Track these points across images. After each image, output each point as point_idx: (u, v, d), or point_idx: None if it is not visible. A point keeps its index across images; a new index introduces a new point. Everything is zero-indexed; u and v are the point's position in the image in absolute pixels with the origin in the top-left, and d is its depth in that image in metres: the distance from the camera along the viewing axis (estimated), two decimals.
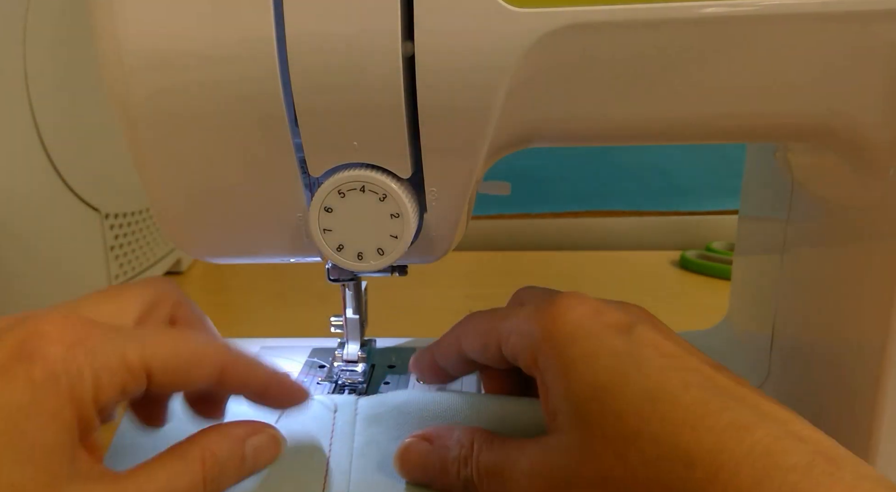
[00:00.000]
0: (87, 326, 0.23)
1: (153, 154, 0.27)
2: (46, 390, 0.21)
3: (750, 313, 0.39)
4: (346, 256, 0.27)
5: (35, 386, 0.21)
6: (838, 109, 0.25)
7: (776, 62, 0.24)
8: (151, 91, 0.25)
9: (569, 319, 0.25)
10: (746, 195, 0.40)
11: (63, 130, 0.47)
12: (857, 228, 0.28)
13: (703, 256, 0.69)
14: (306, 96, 0.24)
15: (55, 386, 0.21)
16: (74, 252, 0.50)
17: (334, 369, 0.37)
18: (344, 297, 0.36)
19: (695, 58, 0.24)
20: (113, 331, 0.23)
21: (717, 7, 0.23)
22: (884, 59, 0.24)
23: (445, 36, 0.23)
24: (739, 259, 0.42)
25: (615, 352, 0.24)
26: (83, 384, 0.22)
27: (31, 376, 0.21)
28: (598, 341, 0.24)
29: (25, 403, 0.21)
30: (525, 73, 0.24)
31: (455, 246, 0.30)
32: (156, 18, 0.24)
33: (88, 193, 0.50)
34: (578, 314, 0.25)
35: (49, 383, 0.21)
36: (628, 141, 0.29)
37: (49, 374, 0.21)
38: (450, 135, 0.25)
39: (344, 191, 0.26)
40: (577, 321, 0.25)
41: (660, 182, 0.80)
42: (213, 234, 0.29)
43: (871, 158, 0.26)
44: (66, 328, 0.22)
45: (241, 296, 0.63)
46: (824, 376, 0.31)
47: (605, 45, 0.24)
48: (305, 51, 0.24)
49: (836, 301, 0.30)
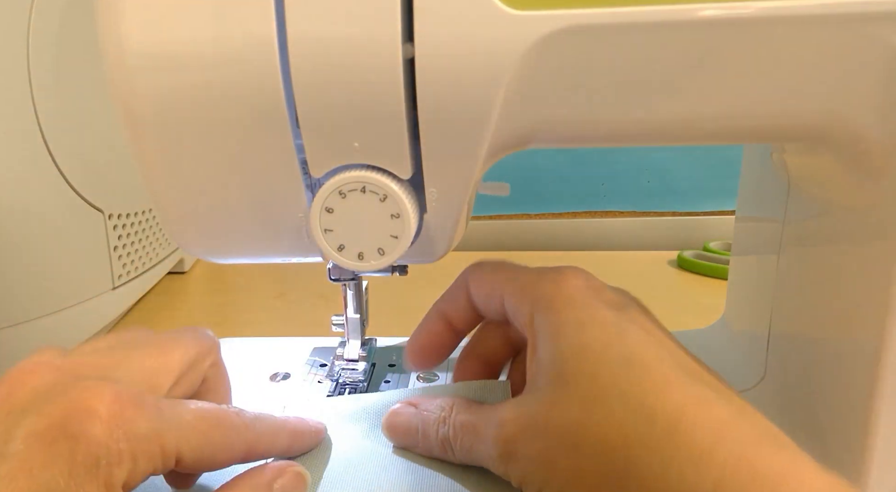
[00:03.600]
0: (134, 406, 0.22)
1: (156, 154, 0.27)
2: (85, 475, 0.21)
3: (746, 313, 0.39)
4: (346, 256, 0.27)
5: (75, 469, 0.21)
6: (834, 111, 0.25)
7: (773, 64, 0.24)
8: (154, 92, 0.25)
9: (569, 286, 0.27)
10: (743, 196, 0.40)
11: (66, 131, 0.47)
12: (852, 229, 0.28)
13: (700, 256, 0.69)
14: (307, 98, 0.25)
15: (94, 471, 0.21)
16: (78, 252, 0.50)
17: (335, 368, 0.37)
18: (345, 296, 0.37)
19: (691, 61, 0.24)
20: (157, 412, 0.23)
21: (713, 10, 0.23)
22: (880, 60, 0.24)
23: (445, 38, 0.23)
24: (736, 259, 0.42)
25: (604, 321, 0.25)
26: (120, 469, 0.21)
27: (73, 458, 0.21)
28: (591, 311, 0.26)
29: (63, 486, 0.20)
30: (524, 75, 0.24)
31: (455, 246, 0.30)
32: (159, 19, 0.24)
33: (92, 193, 0.50)
34: (577, 285, 0.27)
35: (89, 467, 0.21)
36: (626, 142, 0.29)
37: (91, 457, 0.21)
38: (450, 136, 0.25)
39: (345, 191, 0.26)
40: (575, 291, 0.26)
41: (657, 183, 0.80)
42: (215, 234, 0.29)
43: (866, 158, 0.26)
44: (113, 406, 0.22)
45: (244, 295, 0.63)
46: (820, 374, 0.31)
47: (602, 48, 0.24)
48: (307, 52, 0.24)
49: (831, 301, 0.30)
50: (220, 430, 0.25)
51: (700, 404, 0.22)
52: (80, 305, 0.49)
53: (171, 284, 0.65)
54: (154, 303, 0.61)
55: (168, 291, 0.63)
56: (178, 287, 0.65)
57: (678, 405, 0.22)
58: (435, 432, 0.28)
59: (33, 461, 0.20)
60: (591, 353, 0.24)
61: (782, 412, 0.33)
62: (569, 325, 0.25)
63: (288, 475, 0.26)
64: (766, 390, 0.35)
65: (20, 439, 0.21)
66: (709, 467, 0.21)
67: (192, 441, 0.24)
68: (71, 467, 0.20)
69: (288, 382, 0.37)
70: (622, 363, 0.24)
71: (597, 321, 0.25)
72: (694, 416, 0.22)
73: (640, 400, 0.23)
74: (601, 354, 0.24)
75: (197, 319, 0.59)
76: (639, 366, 0.24)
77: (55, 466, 0.20)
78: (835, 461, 0.29)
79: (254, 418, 0.27)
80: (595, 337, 0.25)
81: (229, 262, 0.32)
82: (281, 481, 0.26)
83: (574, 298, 0.26)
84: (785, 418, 0.33)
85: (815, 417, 0.31)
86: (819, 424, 0.31)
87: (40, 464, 0.20)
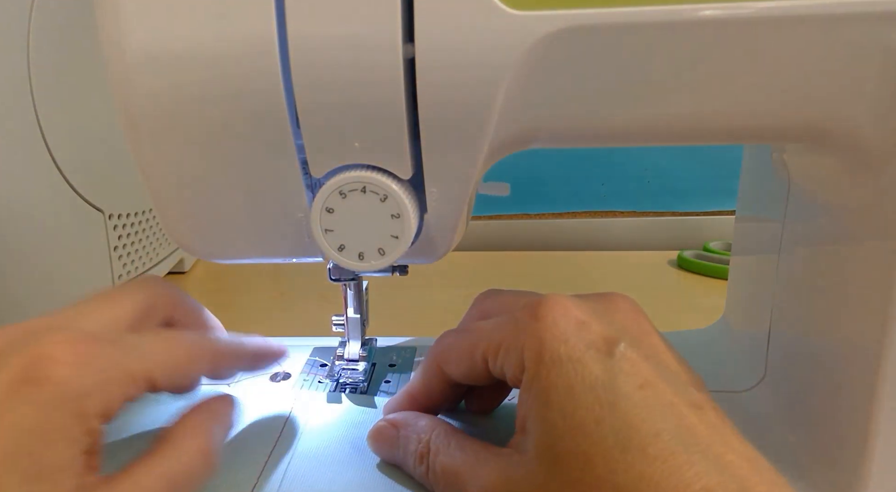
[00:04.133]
0: (91, 343, 0.23)
1: (156, 154, 0.27)
2: (56, 411, 0.21)
3: (746, 313, 0.39)
4: (347, 256, 0.27)
5: (44, 408, 0.21)
6: (834, 110, 0.25)
7: (773, 65, 0.24)
8: (154, 91, 0.25)
9: (553, 336, 0.25)
10: (743, 196, 0.40)
11: (66, 131, 0.47)
12: (852, 229, 0.28)
13: (700, 256, 0.69)
14: (308, 98, 0.25)
15: (64, 406, 0.22)
16: (78, 252, 0.50)
17: (335, 368, 0.37)
18: (345, 296, 0.37)
19: (692, 61, 0.24)
20: (114, 344, 0.24)
21: (713, 10, 0.23)
22: (879, 61, 0.24)
23: (445, 38, 0.23)
24: (736, 259, 0.42)
25: (593, 385, 0.24)
26: (91, 401, 0.22)
27: (40, 399, 0.21)
28: (580, 369, 0.24)
29: (35, 425, 0.21)
30: (524, 75, 0.24)
31: (455, 246, 0.30)
32: (159, 19, 0.24)
33: (92, 193, 0.50)
34: (562, 330, 0.25)
35: (58, 403, 0.21)
36: (626, 142, 0.29)
37: (58, 395, 0.22)
38: (450, 136, 0.25)
39: (345, 192, 0.26)
40: (562, 339, 0.25)
41: (657, 183, 0.80)
42: (215, 234, 0.29)
43: (866, 158, 0.26)
44: (71, 348, 0.23)
45: (244, 295, 0.63)
46: (820, 375, 0.31)
47: (602, 48, 0.24)
48: (307, 52, 0.24)
49: (832, 301, 0.30)
50: (182, 348, 0.26)
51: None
52: None
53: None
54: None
55: None
56: (178, 287, 0.65)
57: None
58: (413, 467, 0.28)
59: (2, 409, 0.21)
60: (583, 430, 0.23)
61: (782, 412, 0.33)
62: (556, 390, 0.24)
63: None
64: (766, 390, 0.35)
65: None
66: None
67: (157, 362, 0.25)
68: (38, 406, 0.21)
69: (288, 382, 0.37)
70: (616, 445, 0.22)
71: (587, 385, 0.24)
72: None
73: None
74: (594, 433, 0.23)
75: None
76: (633, 449, 0.22)
77: (23, 407, 0.21)
78: (835, 462, 0.29)
79: (215, 337, 0.29)
80: (586, 407, 0.23)
81: (229, 262, 0.32)
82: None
83: (559, 350, 0.24)
84: (785, 418, 0.33)
85: (815, 417, 0.31)
86: (819, 424, 0.31)
87: (8, 409, 0.21)
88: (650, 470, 0.22)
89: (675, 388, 0.24)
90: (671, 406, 0.23)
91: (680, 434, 0.23)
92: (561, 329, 0.25)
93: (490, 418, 0.33)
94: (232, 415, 0.29)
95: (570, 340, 0.25)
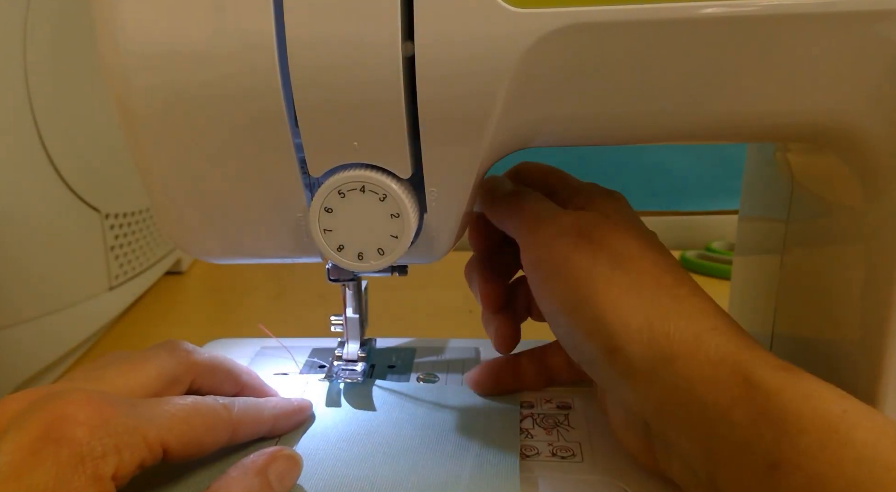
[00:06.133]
0: (110, 406, 0.24)
1: (153, 153, 0.27)
2: (72, 472, 0.22)
3: (749, 313, 0.39)
4: (346, 256, 0.27)
5: (62, 468, 0.22)
6: (836, 109, 0.25)
7: (776, 63, 0.24)
8: (151, 90, 0.25)
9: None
10: (746, 195, 0.40)
11: (63, 130, 0.47)
12: (856, 229, 0.28)
13: (702, 256, 0.69)
14: (306, 96, 0.24)
15: (81, 468, 0.22)
16: (75, 252, 0.50)
17: (334, 369, 0.37)
18: (344, 296, 0.36)
19: (694, 59, 0.24)
20: (133, 409, 0.25)
21: (715, 8, 0.23)
22: (883, 59, 0.24)
23: (445, 36, 0.23)
24: (739, 259, 0.42)
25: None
26: (106, 464, 0.23)
27: (58, 459, 0.22)
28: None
29: (53, 484, 0.21)
30: (525, 74, 0.24)
31: (455, 246, 0.30)
32: (156, 17, 0.24)
33: (88, 192, 0.50)
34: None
35: (75, 464, 0.22)
36: (628, 141, 0.29)
37: (75, 456, 0.22)
38: (450, 135, 0.25)
39: (344, 191, 0.26)
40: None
41: (660, 182, 0.80)
42: (213, 234, 0.29)
43: (869, 158, 0.26)
44: (90, 410, 0.23)
45: (242, 295, 0.63)
46: (823, 375, 0.31)
47: (604, 46, 0.24)
48: (305, 51, 0.24)
49: (835, 301, 0.30)
50: (199, 416, 0.26)
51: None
52: (76, 306, 0.49)
53: (168, 284, 0.65)
54: (151, 303, 0.61)
55: (165, 292, 0.63)
56: (175, 288, 0.65)
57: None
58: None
59: (21, 469, 0.21)
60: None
61: None
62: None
63: (280, 460, 0.28)
64: None
65: (6, 453, 0.22)
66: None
67: (174, 430, 0.25)
68: (57, 468, 0.22)
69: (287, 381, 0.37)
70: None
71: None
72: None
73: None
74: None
75: (194, 319, 0.59)
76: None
77: (42, 467, 0.22)
78: None
79: (234, 401, 0.29)
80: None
81: (227, 262, 0.31)
82: (275, 467, 0.27)
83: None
84: None
85: None
86: None
87: (28, 469, 0.21)
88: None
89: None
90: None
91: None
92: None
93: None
94: (276, 469, 0.28)
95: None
